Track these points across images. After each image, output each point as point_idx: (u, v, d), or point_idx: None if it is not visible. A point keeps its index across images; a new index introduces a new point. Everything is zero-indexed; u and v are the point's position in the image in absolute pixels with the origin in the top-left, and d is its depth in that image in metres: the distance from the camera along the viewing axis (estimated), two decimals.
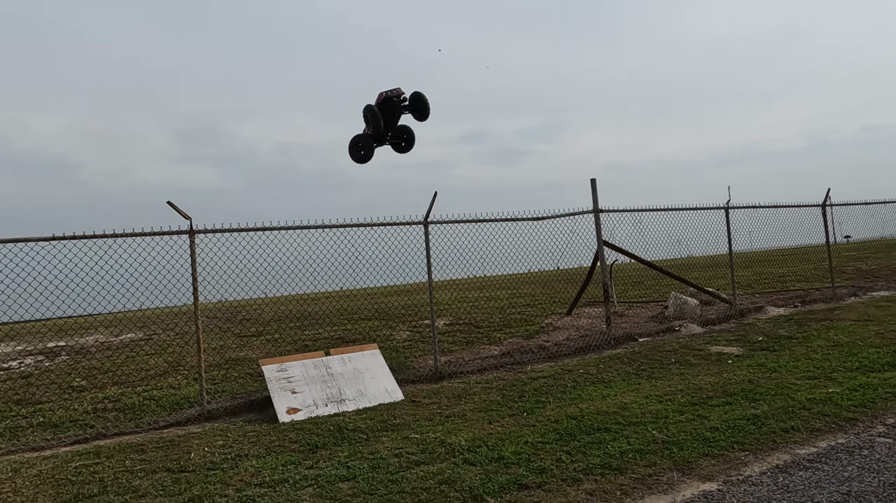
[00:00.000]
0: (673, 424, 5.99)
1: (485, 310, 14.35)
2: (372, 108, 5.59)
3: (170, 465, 5.61)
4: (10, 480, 5.46)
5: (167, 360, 10.42)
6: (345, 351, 8.28)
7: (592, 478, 4.87)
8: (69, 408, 7.89)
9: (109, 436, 6.85)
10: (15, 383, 9.41)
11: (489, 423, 6.41)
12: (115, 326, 16.26)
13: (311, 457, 5.69)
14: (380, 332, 11.68)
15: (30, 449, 6.56)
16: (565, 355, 9.86)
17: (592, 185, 10.40)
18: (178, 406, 7.84)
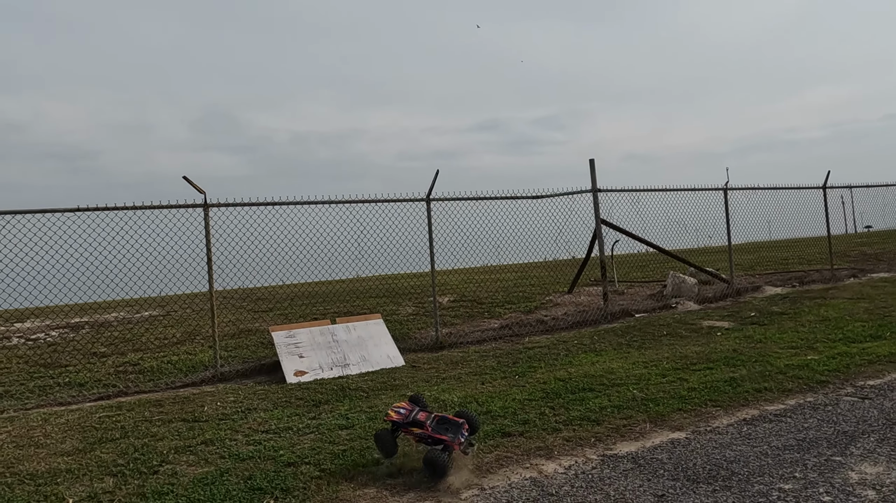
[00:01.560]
0: (654, 385, 6.38)
1: (489, 289, 14.76)
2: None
3: (185, 416, 6.10)
4: (41, 427, 5.99)
5: (184, 331, 10.96)
6: (350, 320, 8.74)
7: (571, 428, 5.28)
8: (92, 370, 8.44)
9: (130, 394, 7.38)
10: (42, 351, 9.99)
11: (482, 384, 6.83)
12: (135, 306, 16.88)
13: (315, 410, 6.16)
14: (386, 308, 12.14)
15: (57, 404, 7.10)
16: (562, 328, 10.25)
17: (591, 166, 10.74)
18: (193, 369, 8.36)
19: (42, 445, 5.40)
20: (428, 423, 4.43)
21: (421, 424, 4.41)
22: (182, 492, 4.24)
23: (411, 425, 4.43)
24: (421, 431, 4.39)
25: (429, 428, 4.39)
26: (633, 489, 3.96)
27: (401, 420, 4.46)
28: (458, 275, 18.21)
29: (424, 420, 4.44)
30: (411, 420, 4.45)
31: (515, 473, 4.38)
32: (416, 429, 4.41)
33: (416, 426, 4.42)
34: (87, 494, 4.27)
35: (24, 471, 4.76)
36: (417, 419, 4.45)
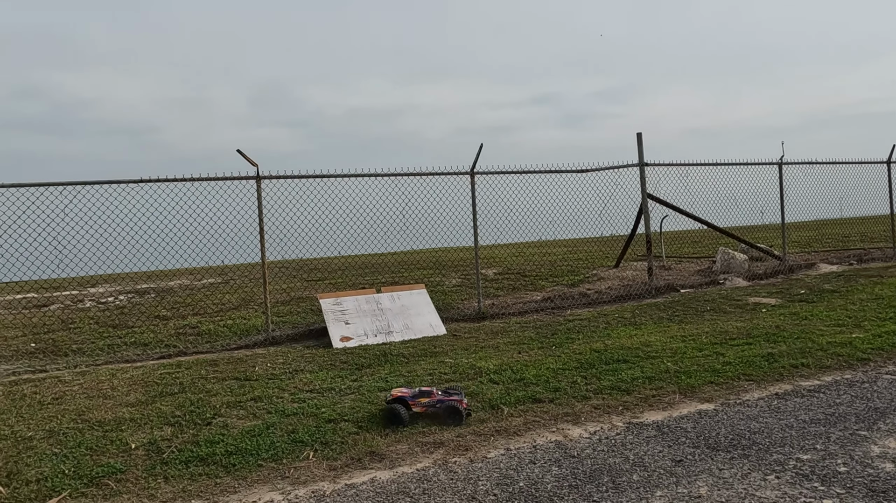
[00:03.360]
0: (689, 359, 6.44)
1: (535, 263, 14.86)
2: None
3: (237, 375, 6.53)
4: (109, 381, 6.52)
5: (240, 298, 11.52)
6: (394, 289, 9.05)
7: (601, 396, 5.43)
8: (156, 331, 9.04)
9: (189, 354, 7.90)
10: (111, 313, 10.71)
11: (518, 353, 7.03)
12: (196, 273, 17.74)
13: (357, 373, 6.49)
14: (432, 279, 12.42)
15: (123, 361, 7.68)
16: (605, 302, 10.31)
17: (638, 139, 10.64)
18: (247, 333, 8.84)
19: (109, 397, 5.91)
20: (435, 391, 5.04)
21: (428, 394, 4.99)
22: (231, 441, 4.61)
23: (419, 397, 4.99)
24: (429, 399, 4.95)
25: (436, 394, 4.99)
26: (652, 454, 4.10)
27: (407, 395, 5.01)
28: (506, 249, 18.36)
29: (431, 389, 5.05)
30: (418, 392, 5.02)
31: (541, 436, 4.58)
32: (424, 398, 4.97)
33: (424, 396, 4.98)
34: (147, 440, 4.70)
35: (94, 419, 5.25)
36: (423, 390, 5.03)
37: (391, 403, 4.99)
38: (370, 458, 4.28)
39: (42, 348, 8.43)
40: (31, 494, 3.91)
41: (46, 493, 3.92)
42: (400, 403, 4.98)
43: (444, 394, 5.06)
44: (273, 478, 4.04)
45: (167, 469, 4.21)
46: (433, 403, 4.97)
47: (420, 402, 4.99)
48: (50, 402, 5.84)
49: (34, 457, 4.47)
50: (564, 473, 3.86)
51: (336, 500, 3.66)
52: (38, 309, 11.60)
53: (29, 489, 3.98)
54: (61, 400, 5.90)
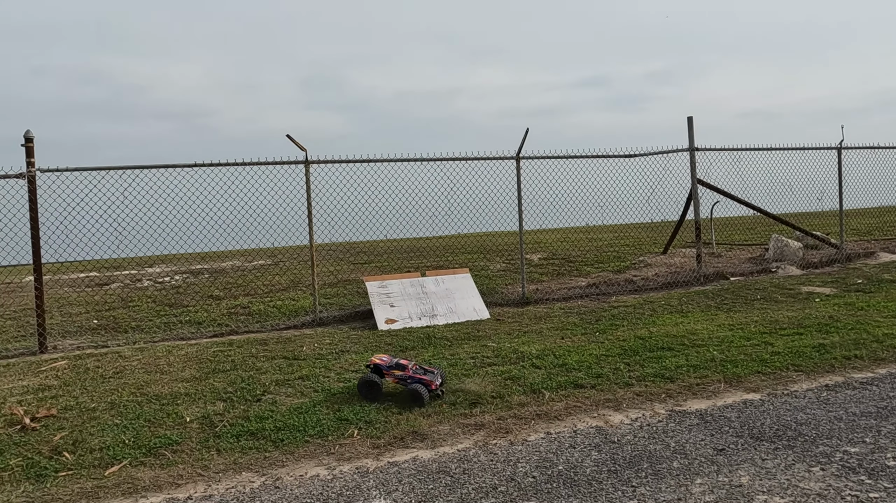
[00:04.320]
0: (736, 348, 6.34)
1: (581, 249, 14.74)
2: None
3: (286, 354, 6.74)
4: (165, 357, 6.81)
5: (289, 280, 11.81)
6: (439, 273, 9.14)
7: (643, 383, 5.41)
8: (209, 311, 9.37)
9: (240, 333, 8.17)
10: (168, 292, 11.13)
11: (561, 339, 7.03)
12: (248, 255, 18.21)
13: (401, 355, 6.60)
14: (477, 263, 12.47)
15: (179, 338, 8.00)
16: (651, 289, 10.18)
17: (689, 123, 10.40)
18: (295, 314, 9.08)
19: (166, 372, 6.18)
20: (410, 366, 5.13)
21: (403, 367, 5.13)
22: (280, 418, 4.79)
23: (394, 368, 5.13)
24: (402, 373, 5.08)
25: (410, 370, 5.10)
26: (694, 442, 4.09)
27: (384, 364, 5.14)
28: (552, 234, 18.24)
29: (407, 364, 5.17)
30: (394, 364, 5.15)
31: (582, 422, 4.61)
32: (398, 371, 5.11)
33: (398, 369, 5.12)
34: (201, 415, 4.91)
35: (151, 393, 5.51)
36: (400, 363, 5.16)
37: (369, 368, 5.21)
38: (412, 438, 4.39)
39: (104, 325, 8.85)
40: (95, 461, 4.16)
41: (108, 461, 4.15)
42: (376, 371, 5.16)
43: (420, 372, 5.16)
44: (319, 454, 4.19)
45: (219, 442, 4.41)
46: (404, 378, 5.12)
47: (393, 374, 5.15)
48: (111, 376, 6.15)
49: (97, 427, 4.74)
50: (604, 458, 3.89)
51: (379, 477, 3.78)
52: (99, 287, 12.14)
53: (92, 457, 4.23)
54: (121, 374, 6.20)
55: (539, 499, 3.38)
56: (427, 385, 5.04)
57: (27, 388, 5.85)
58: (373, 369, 5.22)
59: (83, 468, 4.08)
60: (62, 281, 13.14)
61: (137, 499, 3.64)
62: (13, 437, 4.59)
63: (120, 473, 3.98)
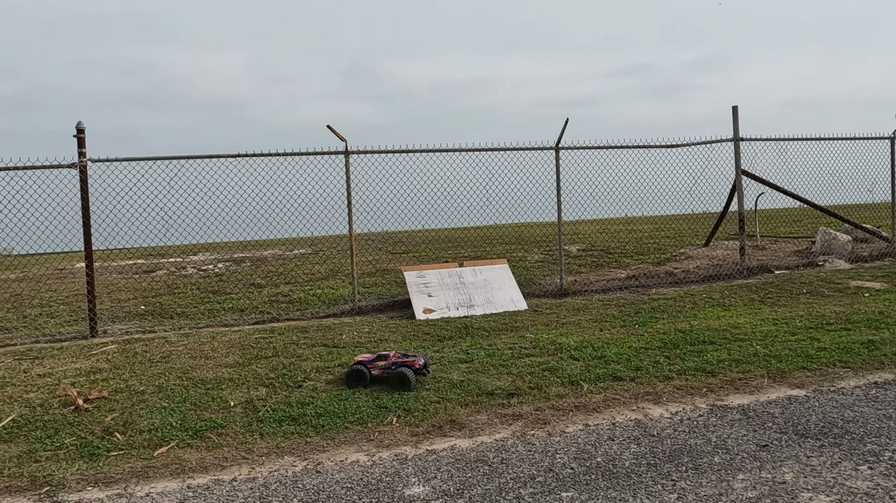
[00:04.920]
0: (780, 343, 6.21)
1: (621, 240, 14.58)
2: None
3: (326, 342, 6.85)
4: (209, 343, 6.99)
5: (328, 268, 11.98)
6: (476, 263, 9.15)
7: (684, 377, 5.35)
8: (251, 298, 9.57)
9: (281, 320, 8.33)
10: (211, 280, 11.40)
11: (600, 331, 6.98)
12: (288, 244, 18.51)
13: (439, 344, 6.66)
14: (514, 254, 12.44)
15: (222, 325, 8.20)
16: (692, 282, 10.02)
17: (734, 113, 10.16)
18: (335, 302, 9.21)
19: (210, 358, 6.35)
20: (392, 355, 5.42)
21: (385, 357, 5.38)
22: (320, 404, 4.88)
23: (376, 360, 5.36)
24: (385, 362, 5.32)
25: (392, 358, 5.37)
26: (736, 437, 4.03)
27: (367, 360, 5.39)
28: (590, 225, 18.04)
29: (388, 354, 5.43)
30: (376, 357, 5.39)
31: (621, 414, 4.58)
32: (381, 362, 5.34)
33: (381, 360, 5.35)
34: (245, 399, 5.04)
35: (197, 377, 5.67)
36: (381, 355, 5.41)
37: (354, 366, 5.33)
38: (450, 427, 4.43)
39: (150, 310, 9.12)
40: (144, 442, 4.31)
41: (157, 443, 4.30)
42: (360, 366, 5.32)
43: (401, 358, 5.39)
44: (359, 440, 4.26)
45: (262, 426, 4.52)
46: (388, 366, 5.29)
47: (377, 365, 5.32)
48: (158, 360, 6.34)
49: (146, 409, 4.90)
50: (643, 451, 3.86)
51: (418, 465, 3.83)
52: (146, 274, 12.50)
53: (142, 438, 4.38)
54: (168, 358, 6.39)
55: (577, 490, 3.38)
56: (410, 366, 5.27)
57: (80, 371, 6.08)
58: (357, 364, 5.36)
59: (133, 448, 4.23)
60: (111, 268, 13.56)
61: (185, 480, 3.77)
62: (67, 417, 4.78)
63: (168, 454, 4.12)
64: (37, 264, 14.36)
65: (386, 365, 5.32)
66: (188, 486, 3.68)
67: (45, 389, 5.49)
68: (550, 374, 5.46)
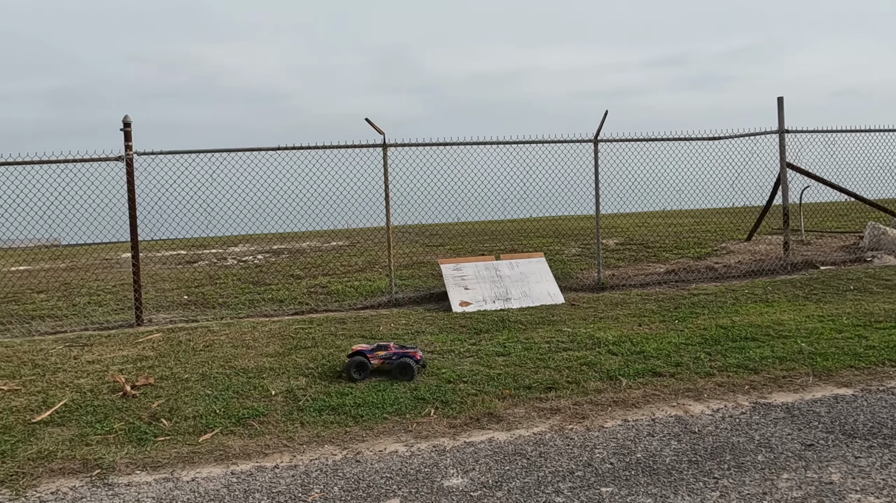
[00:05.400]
0: (826, 340, 6.05)
1: (660, 234, 14.36)
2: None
3: (363, 333, 6.92)
4: (250, 333, 7.13)
5: (365, 260, 12.08)
6: (513, 257, 9.13)
7: (725, 374, 5.26)
8: (290, 289, 9.72)
9: (319, 311, 8.44)
10: (251, 271, 11.61)
11: (639, 326, 6.91)
12: (325, 236, 18.71)
13: (475, 337, 6.67)
14: (551, 247, 12.36)
15: (262, 315, 8.35)
16: (734, 277, 9.83)
17: (779, 104, 9.89)
18: (372, 294, 9.30)
19: (251, 347, 6.47)
20: (392, 345, 5.45)
21: (385, 348, 5.40)
22: (359, 394, 4.94)
23: (376, 350, 5.37)
24: (386, 352, 5.35)
25: (392, 348, 5.41)
26: (780, 436, 3.95)
27: (366, 349, 5.40)
28: (628, 219, 17.81)
29: (388, 345, 5.46)
30: (375, 347, 5.42)
31: (661, 410, 4.53)
32: (381, 352, 5.35)
33: (381, 350, 5.37)
34: (285, 389, 5.13)
35: (239, 366, 5.79)
36: (381, 345, 5.45)
37: (352, 356, 5.34)
38: (488, 419, 4.44)
39: (193, 300, 9.33)
40: (189, 429, 4.42)
41: (201, 429, 4.41)
42: (359, 355, 5.33)
43: (401, 349, 5.43)
44: (397, 431, 4.30)
45: (303, 415, 4.59)
46: (389, 356, 5.32)
47: (378, 355, 5.34)
48: (201, 349, 6.49)
49: (190, 396, 5.03)
50: (684, 448, 3.82)
51: (456, 456, 3.85)
52: (188, 265, 12.78)
53: (187, 424, 4.50)
54: (211, 347, 6.54)
55: (617, 485, 3.36)
56: (412, 357, 5.32)
57: (126, 358, 6.26)
58: (357, 354, 5.38)
59: (179, 434, 4.34)
60: (154, 258, 13.91)
61: (229, 466, 3.86)
62: (116, 403, 4.93)
63: (212, 440, 4.22)
64: (84, 254, 14.80)
65: (387, 355, 5.37)
66: (232, 472, 3.77)
67: (95, 375, 5.67)
68: (588, 369, 5.43)
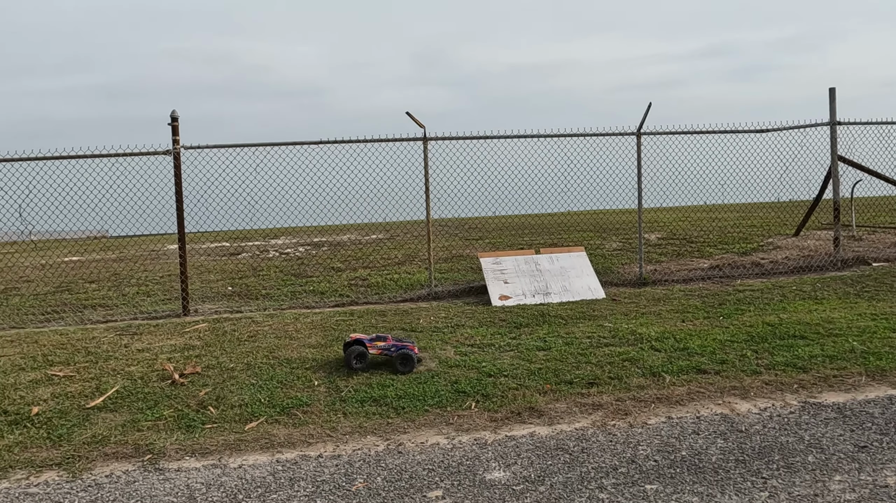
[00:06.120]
0: (879, 339, 5.86)
1: (703, 228, 14.09)
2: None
3: (404, 325, 6.96)
4: (293, 324, 7.25)
5: (404, 254, 12.15)
6: (553, 251, 9.06)
7: (773, 372, 5.14)
8: (331, 281, 9.84)
9: (359, 304, 8.53)
10: (292, 263, 11.79)
11: (682, 322, 6.79)
12: (364, 229, 18.90)
13: (515, 331, 6.65)
14: (591, 242, 12.24)
15: (304, 307, 8.47)
16: (781, 273, 9.58)
17: (830, 95, 9.58)
18: (411, 287, 9.35)
19: (294, 338, 6.58)
20: (390, 336, 5.51)
21: (384, 338, 5.48)
22: (400, 386, 4.98)
23: (375, 340, 5.44)
24: (384, 343, 5.43)
25: (391, 339, 5.47)
26: (831, 437, 3.85)
27: (365, 338, 5.47)
28: (670, 213, 17.54)
29: (386, 335, 5.55)
30: (375, 337, 5.49)
31: (705, 408, 4.45)
32: (380, 342, 5.44)
33: (380, 340, 5.45)
34: (328, 379, 5.20)
35: (282, 356, 5.89)
36: (379, 335, 5.52)
37: (350, 345, 5.39)
38: (529, 414, 4.43)
39: (237, 291, 9.52)
40: (235, 417, 4.52)
41: (247, 417, 4.50)
42: (358, 345, 5.38)
43: (398, 341, 5.49)
44: (438, 423, 4.32)
45: (345, 406, 4.65)
46: (388, 347, 5.40)
47: (376, 345, 5.41)
48: (246, 339, 6.62)
49: (236, 385, 5.14)
50: (731, 447, 3.75)
51: (497, 450, 3.85)
52: (231, 256, 13.05)
53: (233, 412, 4.60)
54: (255, 338, 6.67)
55: (662, 483, 3.32)
56: (410, 350, 5.38)
57: (174, 347, 6.43)
58: (356, 343, 5.43)
59: (226, 422, 4.44)
60: (198, 250, 14.24)
61: (274, 454, 3.93)
62: (165, 390, 5.07)
63: (258, 429, 4.31)
64: (131, 245, 15.24)
65: (385, 346, 5.43)
66: (277, 460, 3.84)
67: (144, 363, 5.84)
68: (631, 365, 5.37)
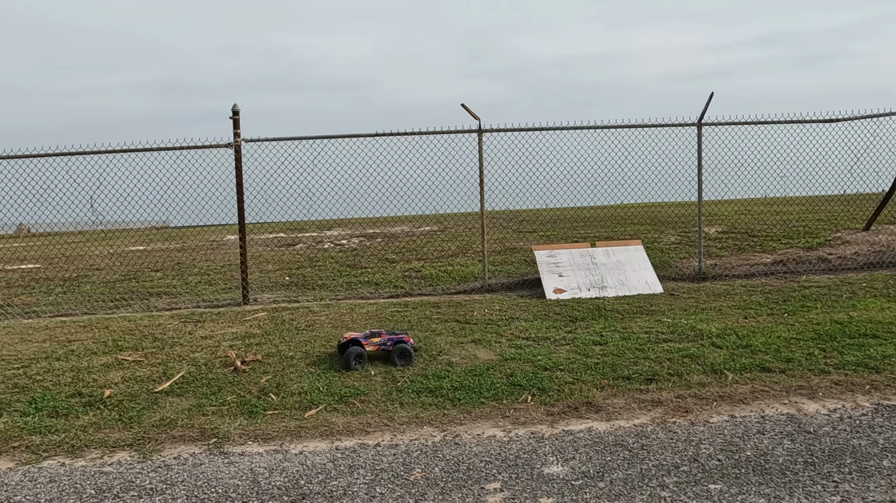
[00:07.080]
0: None
1: (765, 222, 13.62)
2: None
3: (458, 318, 6.98)
4: (349, 314, 7.36)
5: (457, 246, 12.16)
6: (609, 244, 8.92)
7: (842, 372, 4.94)
8: (385, 273, 9.93)
9: (413, 295, 8.59)
10: (347, 254, 11.96)
11: (744, 318, 6.59)
12: (416, 221, 18.99)
13: (571, 325, 6.58)
14: (648, 235, 11.98)
15: (359, 297, 8.59)
16: (850, 269, 9.18)
17: None
18: (464, 279, 9.36)
19: (350, 328, 6.67)
20: (384, 332, 5.54)
21: (378, 334, 5.48)
22: (456, 378, 5.00)
23: (370, 337, 5.43)
24: (379, 339, 5.43)
25: (385, 334, 5.48)
26: None
27: (360, 337, 5.43)
28: (730, 206, 16.97)
29: (380, 331, 5.57)
30: (368, 334, 5.48)
31: (771, 407, 4.32)
32: (375, 338, 5.43)
33: (375, 336, 5.45)
34: (384, 369, 5.26)
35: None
36: (373, 332, 5.52)
37: (345, 345, 5.36)
38: (586, 408, 4.39)
39: (294, 282, 9.72)
40: (295, 404, 4.63)
41: (307, 405, 4.60)
42: (354, 344, 5.35)
43: (392, 334, 5.51)
44: (494, 416, 4.32)
45: (402, 396, 4.70)
46: (384, 342, 5.41)
47: (372, 342, 5.40)
48: (304, 328, 6.76)
49: (295, 373, 5.25)
50: (798, 448, 3.62)
51: (555, 444, 3.83)
52: (287, 247, 13.32)
53: (293, 399, 4.71)
54: (313, 327, 6.80)
55: (726, 483, 3.23)
56: (407, 342, 5.42)
57: (235, 335, 6.61)
58: (351, 343, 5.38)
59: (286, 409, 4.55)
60: (256, 240, 14.58)
61: (333, 441, 4.01)
62: (228, 377, 5.23)
63: (317, 416, 4.40)
64: (192, 235, 15.72)
65: (381, 341, 5.44)
66: (336, 448, 3.92)
67: (208, 350, 6.03)
68: (691, 361, 5.25)
